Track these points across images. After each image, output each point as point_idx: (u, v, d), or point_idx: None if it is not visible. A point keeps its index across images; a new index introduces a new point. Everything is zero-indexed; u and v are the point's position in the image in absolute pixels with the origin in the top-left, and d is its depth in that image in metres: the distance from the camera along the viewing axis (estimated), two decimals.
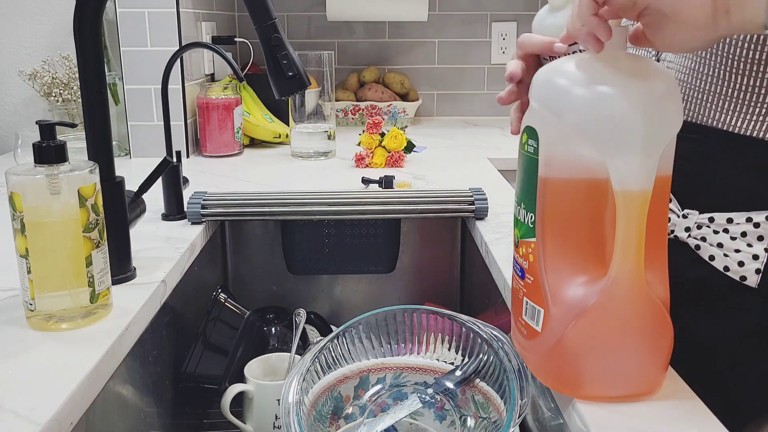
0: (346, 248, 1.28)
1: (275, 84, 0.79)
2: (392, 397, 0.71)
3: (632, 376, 0.56)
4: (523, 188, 0.58)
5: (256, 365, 1.02)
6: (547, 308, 0.56)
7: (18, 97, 1.73)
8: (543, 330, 0.57)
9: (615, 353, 0.55)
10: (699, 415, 0.55)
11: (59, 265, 0.67)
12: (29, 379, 0.59)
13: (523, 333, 0.60)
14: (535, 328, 0.58)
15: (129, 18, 1.45)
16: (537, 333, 0.58)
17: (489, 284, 0.98)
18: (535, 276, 0.57)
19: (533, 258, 0.57)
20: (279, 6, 2.05)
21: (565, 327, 0.55)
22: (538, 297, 0.57)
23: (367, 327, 0.70)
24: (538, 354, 0.59)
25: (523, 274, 0.59)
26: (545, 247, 0.56)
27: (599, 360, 0.56)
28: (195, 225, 1.06)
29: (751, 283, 0.62)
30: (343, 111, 1.98)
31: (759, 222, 0.62)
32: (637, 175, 0.52)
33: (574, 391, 0.58)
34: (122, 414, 0.74)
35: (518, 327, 0.61)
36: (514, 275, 0.61)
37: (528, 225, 0.57)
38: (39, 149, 0.66)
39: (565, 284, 0.55)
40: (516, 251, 0.60)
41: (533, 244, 0.57)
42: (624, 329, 0.54)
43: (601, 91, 0.52)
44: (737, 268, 0.63)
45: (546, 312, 0.56)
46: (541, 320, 0.57)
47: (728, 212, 0.64)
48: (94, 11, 0.75)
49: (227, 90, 1.57)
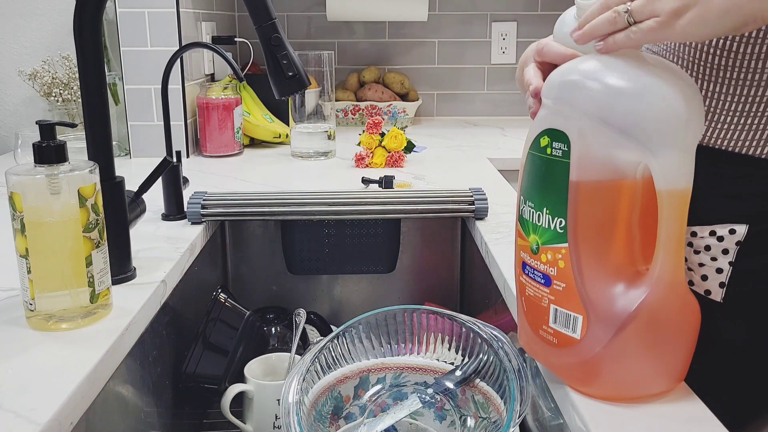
0: (346, 248, 1.28)
1: (275, 84, 0.79)
2: (392, 397, 0.71)
3: (674, 372, 0.56)
4: (545, 193, 0.56)
5: (256, 365, 1.02)
6: (586, 314, 0.54)
7: (18, 97, 1.73)
8: (584, 337, 0.55)
9: (662, 352, 0.54)
10: (699, 415, 0.55)
11: (59, 265, 0.67)
12: (29, 379, 0.59)
13: (551, 341, 0.58)
14: (572, 335, 0.56)
15: (129, 18, 1.45)
16: (574, 340, 0.56)
17: (489, 284, 0.98)
18: (568, 282, 0.55)
19: (564, 264, 0.55)
20: (279, 6, 2.05)
21: (612, 332, 0.53)
22: (574, 304, 0.55)
23: (367, 327, 0.70)
24: (574, 361, 0.57)
25: (548, 281, 0.57)
26: (580, 252, 0.54)
27: (647, 360, 0.55)
28: (195, 225, 1.06)
29: (716, 297, 0.61)
30: (343, 111, 1.98)
31: (722, 236, 0.61)
32: (681, 173, 0.51)
33: (616, 395, 0.56)
34: (122, 414, 0.74)
35: (541, 336, 0.59)
36: (531, 283, 0.59)
37: (556, 231, 0.56)
38: (39, 149, 0.66)
39: (604, 289, 0.54)
40: (534, 258, 0.58)
41: (563, 249, 0.55)
42: (670, 328, 0.54)
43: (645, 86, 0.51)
44: (701, 282, 0.62)
45: (586, 318, 0.55)
46: (579, 327, 0.55)
47: (692, 226, 0.63)
48: (94, 11, 0.75)
49: (227, 90, 1.57)
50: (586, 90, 0.53)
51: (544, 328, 0.58)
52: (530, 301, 0.60)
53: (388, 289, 1.34)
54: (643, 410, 0.56)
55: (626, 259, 0.54)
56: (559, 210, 0.55)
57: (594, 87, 0.53)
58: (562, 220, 0.55)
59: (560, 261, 0.56)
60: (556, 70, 0.57)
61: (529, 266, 0.59)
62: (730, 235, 0.61)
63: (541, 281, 0.58)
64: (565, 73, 0.56)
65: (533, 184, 0.58)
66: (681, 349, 0.56)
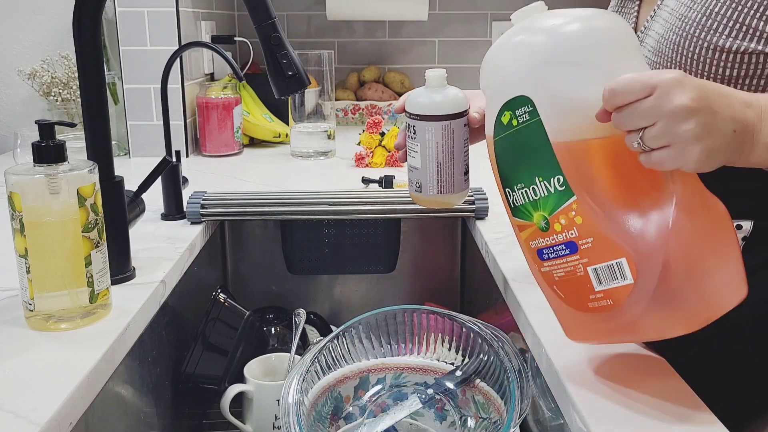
0: (346, 248, 1.28)
1: (275, 83, 0.79)
2: (392, 398, 0.71)
3: (735, 279, 0.52)
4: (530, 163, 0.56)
5: (255, 365, 1.02)
6: (628, 254, 0.51)
7: (17, 97, 1.73)
8: (638, 277, 0.51)
9: (719, 250, 0.52)
10: (699, 415, 0.55)
11: (58, 265, 0.67)
12: (29, 380, 0.59)
13: (607, 305, 0.54)
14: (625, 283, 0.52)
15: (128, 17, 1.45)
16: (629, 286, 0.52)
17: (489, 284, 0.98)
18: (594, 233, 0.53)
19: (581, 217, 0.53)
20: (279, 5, 2.04)
21: (660, 254, 0.50)
22: (611, 250, 0.52)
23: (367, 327, 0.70)
24: (643, 307, 0.52)
25: (574, 246, 0.54)
26: (594, 193, 0.52)
27: (711, 259, 0.51)
28: (194, 225, 1.06)
29: None
30: (343, 110, 1.98)
31: None
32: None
33: (697, 320, 0.53)
34: (122, 414, 0.74)
35: (593, 309, 0.54)
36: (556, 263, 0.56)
37: (557, 190, 0.54)
38: (38, 149, 0.66)
39: (633, 219, 0.51)
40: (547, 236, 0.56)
41: (574, 204, 0.53)
42: (711, 228, 0.52)
43: (585, 15, 0.56)
44: None
45: (630, 257, 0.51)
46: (627, 270, 0.52)
47: None
48: (94, 11, 0.75)
49: (227, 89, 1.57)
50: (522, 46, 0.57)
51: (592, 297, 0.54)
52: (564, 283, 0.56)
53: (388, 289, 1.34)
54: (644, 410, 0.56)
55: (641, 181, 0.53)
56: (551, 169, 0.54)
57: (529, 40, 0.57)
58: (559, 177, 0.54)
59: (576, 217, 0.54)
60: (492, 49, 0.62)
61: (547, 248, 0.57)
62: (737, 231, 0.61)
63: (566, 252, 0.55)
64: (495, 50, 0.60)
65: (514, 165, 0.58)
66: (733, 246, 0.52)
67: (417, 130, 0.75)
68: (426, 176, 0.76)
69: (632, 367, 0.63)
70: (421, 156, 0.75)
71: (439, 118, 0.73)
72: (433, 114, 0.73)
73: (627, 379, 0.61)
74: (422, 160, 0.75)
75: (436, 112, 0.73)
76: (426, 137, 0.74)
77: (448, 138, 0.74)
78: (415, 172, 0.77)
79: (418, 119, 0.74)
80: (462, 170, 0.76)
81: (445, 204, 0.77)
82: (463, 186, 0.77)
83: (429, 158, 0.75)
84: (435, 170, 0.75)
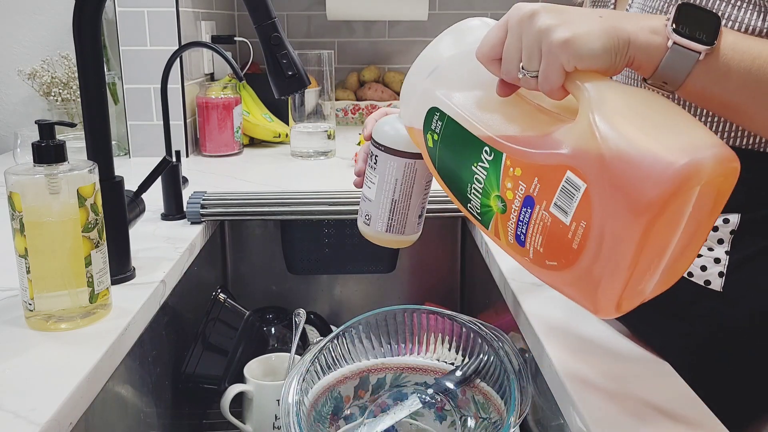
0: (346, 248, 1.28)
1: (275, 83, 0.79)
2: (392, 398, 0.71)
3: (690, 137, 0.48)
4: (463, 161, 0.58)
5: (255, 365, 1.02)
6: (568, 164, 0.49)
7: (17, 97, 1.73)
8: (587, 176, 0.48)
9: (658, 125, 0.48)
10: (700, 415, 0.55)
11: (58, 265, 0.67)
12: (28, 380, 0.59)
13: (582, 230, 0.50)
14: (580, 193, 0.49)
15: (128, 17, 1.45)
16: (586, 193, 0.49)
17: (489, 284, 0.98)
18: (534, 171, 0.52)
19: (519, 167, 0.53)
20: (279, 5, 2.04)
21: (596, 147, 0.47)
22: (554, 174, 0.50)
23: (367, 327, 0.70)
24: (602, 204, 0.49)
25: (531, 200, 0.53)
26: (515, 137, 0.54)
27: (653, 138, 0.47)
28: (194, 225, 1.06)
29: (716, 287, 0.62)
30: (343, 110, 1.98)
31: (717, 225, 0.62)
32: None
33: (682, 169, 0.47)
34: (122, 414, 0.74)
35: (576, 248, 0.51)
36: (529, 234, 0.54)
37: (490, 162, 0.55)
38: (38, 149, 0.66)
39: (557, 133, 0.51)
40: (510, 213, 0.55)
41: (507, 159, 0.54)
42: (637, 108, 0.49)
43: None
44: (701, 272, 0.63)
45: (571, 167, 0.49)
46: (575, 178, 0.49)
47: None
48: (94, 11, 0.75)
49: (227, 89, 1.57)
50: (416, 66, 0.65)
51: (570, 236, 0.51)
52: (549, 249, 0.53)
53: (388, 289, 1.34)
54: (643, 410, 0.56)
55: (549, 109, 0.55)
56: (477, 147, 0.56)
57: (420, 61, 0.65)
58: (485, 149, 0.56)
59: (515, 170, 0.54)
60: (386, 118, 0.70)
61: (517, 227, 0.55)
62: (725, 225, 0.61)
63: (528, 212, 0.53)
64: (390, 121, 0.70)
65: (457, 173, 0.60)
66: (673, 109, 0.50)
67: (378, 162, 0.70)
68: (377, 211, 0.72)
69: (632, 367, 0.63)
70: (377, 189, 0.71)
71: (404, 154, 0.69)
72: (398, 149, 0.69)
73: (627, 379, 0.61)
74: (377, 194, 0.71)
75: (401, 148, 0.69)
76: (386, 171, 0.70)
77: (409, 177, 0.70)
78: (367, 203, 0.73)
79: (381, 150, 0.70)
80: (416, 213, 0.73)
81: (391, 244, 0.74)
82: (415, 229, 0.74)
83: (384, 193, 0.71)
84: (388, 207, 0.71)
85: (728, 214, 0.61)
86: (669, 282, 0.54)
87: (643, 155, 0.46)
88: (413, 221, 0.73)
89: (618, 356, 0.65)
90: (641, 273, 0.50)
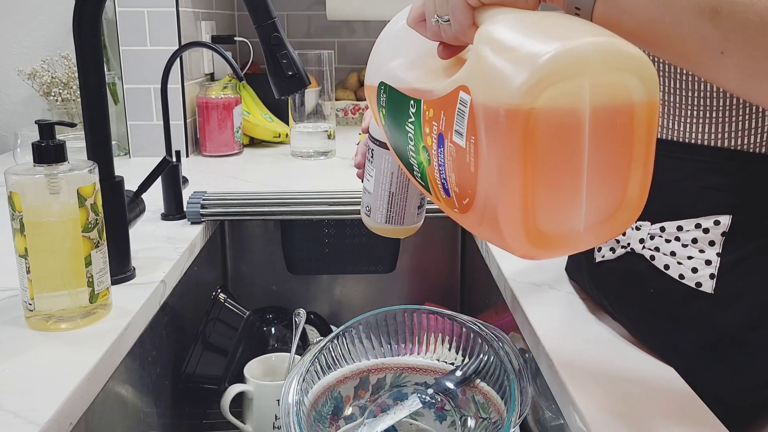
0: (346, 248, 1.28)
1: (275, 83, 0.79)
2: (392, 398, 0.71)
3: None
4: (401, 125, 0.58)
5: (255, 365, 1.02)
6: (457, 83, 0.48)
7: (17, 97, 1.73)
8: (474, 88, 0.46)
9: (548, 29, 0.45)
10: (699, 416, 0.55)
11: (58, 265, 0.67)
12: (28, 380, 0.59)
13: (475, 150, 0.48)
14: (468, 106, 0.47)
15: (128, 17, 1.45)
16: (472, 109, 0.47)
17: (489, 284, 0.98)
18: (436, 103, 0.51)
19: (430, 107, 0.52)
20: (279, 5, 2.04)
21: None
22: (450, 99, 0.49)
23: (367, 327, 0.70)
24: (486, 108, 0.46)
25: (440, 137, 0.51)
26: (424, 78, 0.55)
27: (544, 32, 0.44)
28: (194, 225, 1.06)
29: (707, 288, 0.62)
30: (343, 110, 1.98)
31: (708, 227, 0.62)
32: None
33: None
34: (122, 414, 0.74)
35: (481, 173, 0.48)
36: (446, 174, 0.52)
37: (414, 114, 0.55)
38: (38, 149, 0.66)
39: (455, 59, 0.55)
40: (431, 165, 0.54)
41: (423, 105, 0.53)
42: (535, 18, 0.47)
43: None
44: (692, 275, 0.63)
45: (459, 84, 0.48)
46: (464, 95, 0.47)
47: (677, 220, 0.63)
48: (94, 11, 0.75)
49: (227, 89, 1.57)
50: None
51: (468, 159, 0.48)
52: (461, 187, 0.51)
53: (388, 289, 1.34)
54: (643, 411, 0.56)
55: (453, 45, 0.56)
56: (405, 104, 0.57)
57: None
58: (411, 102, 0.56)
59: (428, 111, 0.53)
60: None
61: (438, 173, 0.53)
62: (715, 227, 0.61)
63: (441, 148, 0.52)
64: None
65: (400, 141, 0.60)
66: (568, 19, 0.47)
67: (374, 155, 0.72)
68: (376, 203, 0.74)
69: (632, 367, 0.63)
70: (375, 182, 0.73)
71: None
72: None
73: (627, 380, 0.61)
74: (375, 186, 0.73)
75: None
76: (382, 164, 0.72)
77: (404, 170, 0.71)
78: (367, 195, 0.75)
79: (376, 144, 0.72)
80: (415, 204, 0.74)
81: (392, 234, 0.76)
82: (414, 220, 0.75)
83: (382, 186, 0.73)
84: (386, 199, 0.73)
85: (719, 216, 0.61)
86: (620, 221, 0.48)
87: (516, 49, 0.43)
88: (412, 212, 0.75)
89: (618, 356, 0.65)
90: (546, 195, 0.45)
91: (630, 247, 0.67)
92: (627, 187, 0.47)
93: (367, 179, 0.74)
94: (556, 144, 0.43)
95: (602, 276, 0.72)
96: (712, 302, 0.62)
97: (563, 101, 0.42)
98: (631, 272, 0.67)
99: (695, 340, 0.63)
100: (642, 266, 0.66)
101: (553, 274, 0.84)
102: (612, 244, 0.69)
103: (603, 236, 0.48)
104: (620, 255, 0.68)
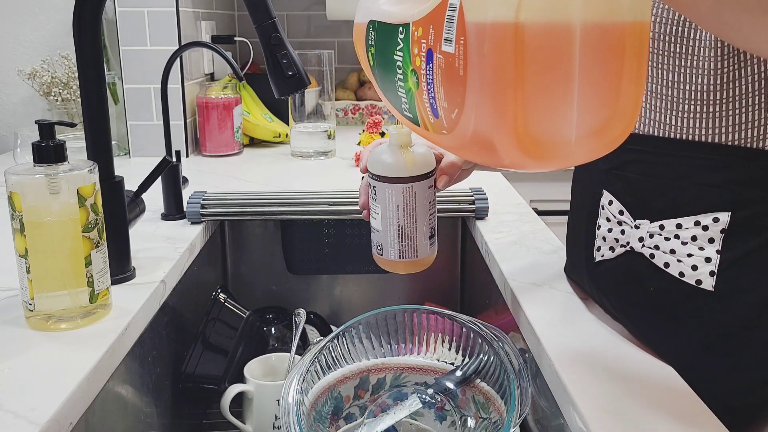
0: (346, 248, 1.28)
1: (275, 83, 0.79)
2: (392, 398, 0.71)
3: None
4: (391, 58, 0.57)
5: (255, 365, 1.02)
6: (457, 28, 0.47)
7: (17, 97, 1.73)
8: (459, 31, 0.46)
9: None
10: (699, 415, 0.55)
11: (58, 265, 0.67)
12: (28, 380, 0.59)
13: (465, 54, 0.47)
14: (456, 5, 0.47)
15: (128, 17, 1.45)
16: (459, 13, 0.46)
17: (489, 284, 0.98)
18: (426, 19, 0.50)
19: (419, 27, 0.52)
20: (279, 5, 2.04)
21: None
22: (439, 11, 0.48)
23: (367, 327, 0.70)
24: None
25: (430, 52, 0.50)
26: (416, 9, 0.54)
27: None
28: (194, 225, 1.06)
29: (707, 286, 0.62)
30: (343, 110, 1.98)
31: (707, 225, 0.62)
32: None
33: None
34: (122, 414, 0.74)
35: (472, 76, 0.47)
36: (435, 93, 0.51)
37: (403, 39, 0.54)
38: (38, 149, 0.66)
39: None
40: (420, 88, 0.53)
41: (412, 26, 0.53)
42: None
43: None
44: (692, 272, 0.63)
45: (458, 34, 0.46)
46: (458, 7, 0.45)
47: (677, 218, 0.63)
48: (94, 11, 0.75)
49: (227, 89, 1.57)
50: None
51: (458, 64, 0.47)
52: (450, 101, 0.50)
53: (388, 289, 1.34)
54: (643, 410, 0.56)
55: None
56: (394, 33, 0.56)
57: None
58: (400, 29, 0.56)
59: (417, 30, 0.52)
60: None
61: (427, 94, 0.53)
62: (714, 224, 0.61)
63: (430, 65, 0.51)
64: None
65: (387, 70, 0.59)
66: None
67: (377, 192, 0.72)
68: (387, 240, 0.73)
69: (632, 366, 0.63)
70: (382, 218, 0.72)
71: (400, 180, 0.70)
72: (393, 176, 0.70)
73: (627, 379, 0.61)
74: (383, 223, 0.72)
75: (396, 174, 0.70)
76: (386, 199, 0.71)
77: (409, 201, 0.71)
78: (376, 234, 0.74)
79: (378, 180, 0.71)
80: (426, 234, 0.73)
81: (408, 269, 0.75)
82: (428, 251, 0.75)
83: (390, 221, 0.72)
84: (396, 234, 0.73)
85: (718, 213, 0.61)
86: (612, 134, 0.47)
87: None
88: (424, 243, 0.74)
89: (618, 356, 0.65)
90: (536, 97, 0.44)
91: (629, 245, 0.67)
92: (619, 99, 0.47)
93: (374, 217, 0.74)
94: (546, 48, 0.43)
95: (602, 275, 0.72)
96: (712, 300, 0.62)
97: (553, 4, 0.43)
98: (631, 271, 0.67)
99: (695, 338, 0.63)
100: (641, 265, 0.66)
101: (552, 274, 0.84)
102: (611, 243, 0.69)
103: (596, 150, 0.48)
104: (619, 254, 0.68)
